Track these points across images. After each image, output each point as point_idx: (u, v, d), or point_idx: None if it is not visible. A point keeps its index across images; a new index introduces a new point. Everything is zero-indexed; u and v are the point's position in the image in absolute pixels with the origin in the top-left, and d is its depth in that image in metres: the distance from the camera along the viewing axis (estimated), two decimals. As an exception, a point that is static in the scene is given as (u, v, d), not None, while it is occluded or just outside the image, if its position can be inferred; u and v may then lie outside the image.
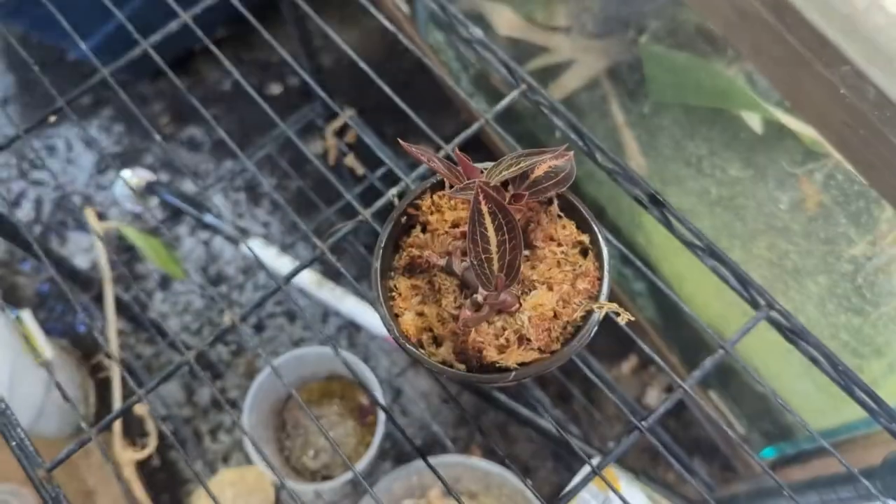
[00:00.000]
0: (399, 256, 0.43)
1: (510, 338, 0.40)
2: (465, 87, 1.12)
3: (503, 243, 0.35)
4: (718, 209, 0.71)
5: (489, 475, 0.80)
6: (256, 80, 1.58)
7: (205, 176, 1.53)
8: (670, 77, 0.69)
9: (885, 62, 0.47)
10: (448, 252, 0.42)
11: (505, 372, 0.39)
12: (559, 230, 0.42)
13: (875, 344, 0.65)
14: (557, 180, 0.39)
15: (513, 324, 0.40)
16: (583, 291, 0.40)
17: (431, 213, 0.43)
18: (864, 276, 0.64)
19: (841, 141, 0.50)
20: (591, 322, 0.39)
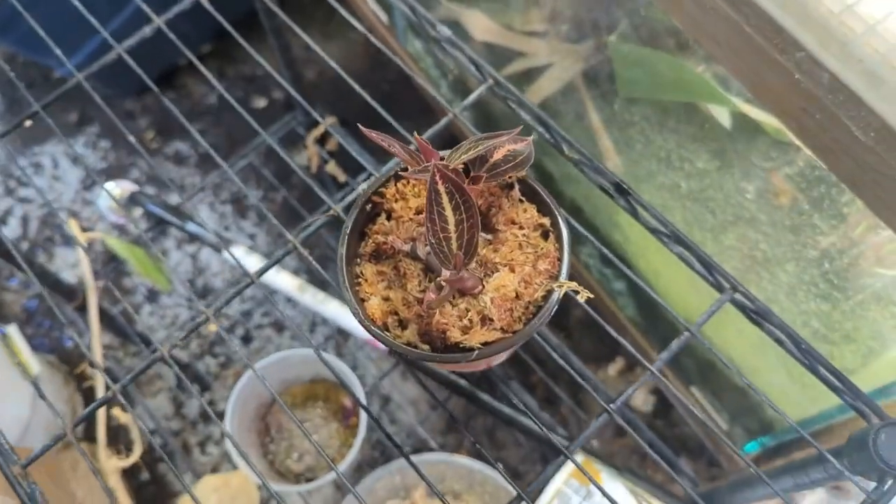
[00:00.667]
0: (365, 243, 0.44)
1: (473, 318, 0.40)
2: (444, 93, 1.13)
3: (461, 222, 0.36)
4: (689, 203, 0.72)
5: (472, 473, 0.81)
6: (241, 94, 1.59)
7: (191, 189, 1.54)
8: (638, 73, 0.71)
9: (837, 47, 0.48)
10: (412, 238, 0.43)
11: (468, 352, 0.39)
12: (520, 214, 0.43)
13: (844, 330, 0.66)
14: (516, 163, 0.40)
15: (476, 305, 0.41)
16: (544, 272, 0.41)
17: (396, 201, 0.44)
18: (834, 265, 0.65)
19: (800, 127, 0.51)
20: (551, 301, 0.40)
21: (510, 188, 0.43)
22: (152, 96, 1.61)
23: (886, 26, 0.49)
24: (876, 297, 0.71)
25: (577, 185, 0.93)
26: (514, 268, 0.41)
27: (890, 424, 0.45)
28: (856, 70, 0.48)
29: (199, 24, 1.50)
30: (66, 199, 1.54)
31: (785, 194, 0.75)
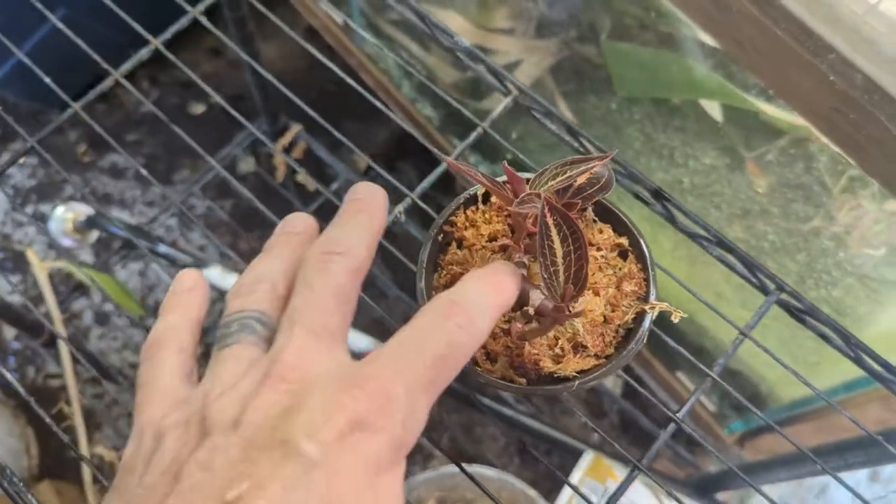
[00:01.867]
0: (439, 275, 0.42)
1: (564, 346, 0.40)
2: (406, 92, 1.11)
3: (568, 254, 0.35)
4: (692, 198, 0.73)
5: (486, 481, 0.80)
6: (178, 100, 1.52)
7: (131, 204, 1.47)
8: (636, 73, 0.71)
9: (867, 47, 0.50)
10: (489, 266, 0.41)
11: (566, 381, 0.39)
12: (596, 235, 0.42)
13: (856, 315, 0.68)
14: (600, 185, 0.39)
15: (565, 332, 0.40)
16: (630, 294, 0.41)
17: (466, 229, 0.43)
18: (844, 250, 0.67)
19: (829, 126, 0.52)
20: (644, 323, 0.39)
21: (584, 210, 0.42)
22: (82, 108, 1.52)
23: (909, 25, 0.50)
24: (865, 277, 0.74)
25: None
26: (598, 291, 0.41)
27: (945, 411, 0.47)
28: (887, 69, 0.49)
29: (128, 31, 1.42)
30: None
31: (761, 178, 0.77)
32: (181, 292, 0.36)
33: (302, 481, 0.24)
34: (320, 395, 0.26)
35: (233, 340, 0.31)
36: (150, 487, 0.26)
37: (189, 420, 0.28)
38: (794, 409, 0.85)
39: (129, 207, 1.46)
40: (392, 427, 0.26)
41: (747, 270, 0.52)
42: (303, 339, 0.29)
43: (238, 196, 1.45)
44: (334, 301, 0.30)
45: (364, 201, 0.34)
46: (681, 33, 0.73)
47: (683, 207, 0.52)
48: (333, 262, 0.31)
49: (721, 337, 0.85)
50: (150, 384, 0.31)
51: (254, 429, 0.26)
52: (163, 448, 0.27)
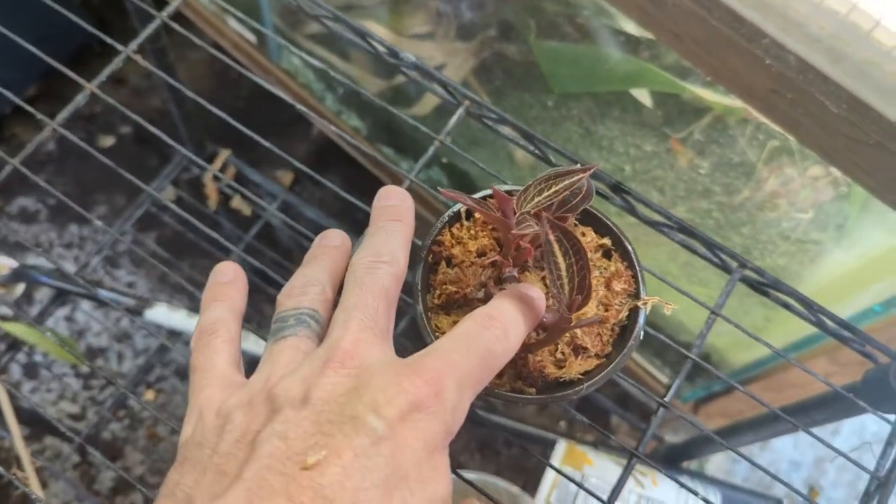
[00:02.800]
0: (433, 295, 0.42)
1: (565, 351, 0.41)
2: (330, 105, 1.10)
3: (571, 266, 0.36)
4: (635, 184, 0.76)
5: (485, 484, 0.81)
6: (84, 134, 1.46)
7: (49, 247, 1.40)
8: (568, 69, 0.73)
9: (796, 29, 0.52)
10: (483, 283, 0.42)
11: (574, 385, 0.40)
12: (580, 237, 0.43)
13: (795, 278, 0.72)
14: (583, 195, 0.40)
15: (564, 337, 0.41)
16: (621, 292, 0.42)
17: (453, 247, 0.43)
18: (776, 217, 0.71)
19: (767, 106, 0.55)
20: (640, 320, 0.41)
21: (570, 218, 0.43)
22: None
23: (829, 3, 0.54)
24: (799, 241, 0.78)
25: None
26: (590, 293, 0.42)
27: (905, 361, 0.51)
28: (816, 49, 0.52)
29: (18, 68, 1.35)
30: None
31: (684, 156, 0.81)
32: (224, 283, 0.39)
33: (371, 451, 0.27)
34: (381, 379, 0.29)
35: (290, 333, 0.34)
36: (226, 455, 0.28)
37: (252, 399, 0.30)
38: (745, 372, 0.89)
39: (47, 252, 1.39)
40: (444, 412, 0.29)
41: (709, 251, 0.54)
42: (358, 331, 0.32)
43: (162, 227, 1.40)
44: (384, 302, 0.34)
45: (397, 208, 0.39)
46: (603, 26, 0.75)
47: (643, 197, 0.54)
48: (380, 268, 0.35)
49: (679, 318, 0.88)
50: (205, 369, 0.34)
51: (322, 404, 0.29)
52: (232, 423, 0.30)
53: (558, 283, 0.36)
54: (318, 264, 0.38)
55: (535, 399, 0.40)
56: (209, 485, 0.28)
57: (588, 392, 0.40)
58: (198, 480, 0.28)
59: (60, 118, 0.58)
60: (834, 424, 1.30)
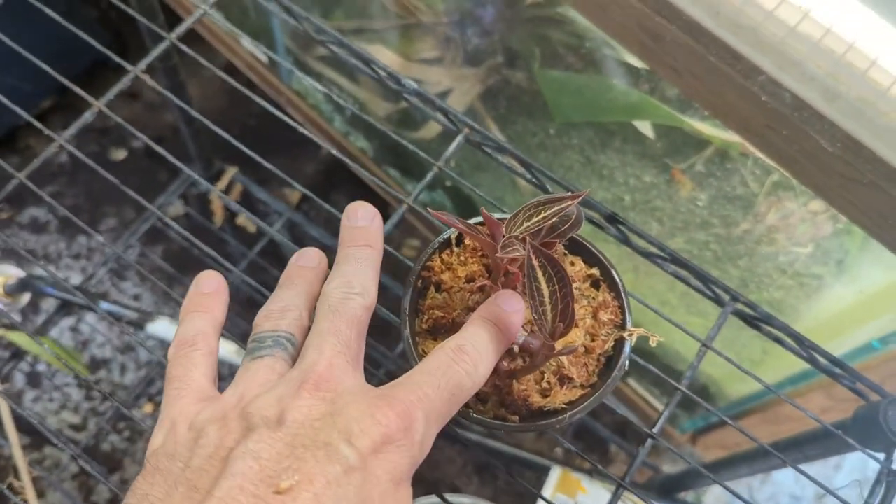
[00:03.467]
0: (421, 319, 0.43)
1: (551, 380, 0.41)
2: (339, 126, 1.11)
3: (554, 293, 0.36)
4: (634, 213, 0.76)
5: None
6: (97, 147, 1.48)
7: (56, 258, 1.42)
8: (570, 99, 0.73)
9: (792, 67, 0.53)
10: (470, 308, 0.42)
11: (556, 414, 0.40)
12: (568, 267, 0.44)
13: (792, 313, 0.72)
14: (571, 223, 0.41)
15: (550, 366, 0.41)
16: (607, 322, 0.42)
17: (443, 272, 0.44)
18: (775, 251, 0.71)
19: (763, 142, 0.55)
20: (625, 350, 0.41)
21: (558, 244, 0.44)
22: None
23: (827, 43, 0.54)
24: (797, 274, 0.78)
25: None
26: (577, 322, 0.42)
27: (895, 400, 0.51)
28: (812, 87, 0.53)
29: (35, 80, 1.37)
30: None
31: (685, 186, 0.81)
32: (206, 294, 0.39)
33: (342, 479, 0.28)
34: (355, 408, 0.30)
35: (266, 353, 0.35)
36: (198, 470, 0.29)
37: (227, 415, 0.31)
38: (742, 404, 0.88)
39: (55, 262, 1.40)
40: (412, 446, 0.30)
41: (702, 284, 0.55)
42: (332, 356, 0.33)
43: (169, 241, 1.42)
44: (353, 329, 0.35)
45: (366, 231, 0.39)
46: (606, 57, 0.76)
47: (637, 228, 0.55)
48: (351, 299, 0.36)
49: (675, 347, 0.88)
50: (181, 380, 0.34)
51: (297, 427, 0.29)
52: (206, 437, 0.30)
53: (541, 309, 0.36)
54: (295, 289, 0.38)
55: (517, 427, 0.40)
56: (180, 499, 0.28)
57: (570, 422, 0.40)
58: (168, 493, 0.29)
59: (67, 134, 0.59)
60: (836, 459, 1.29)
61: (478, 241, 0.39)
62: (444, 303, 0.43)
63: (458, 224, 0.39)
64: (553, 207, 0.39)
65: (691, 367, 0.52)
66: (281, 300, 0.37)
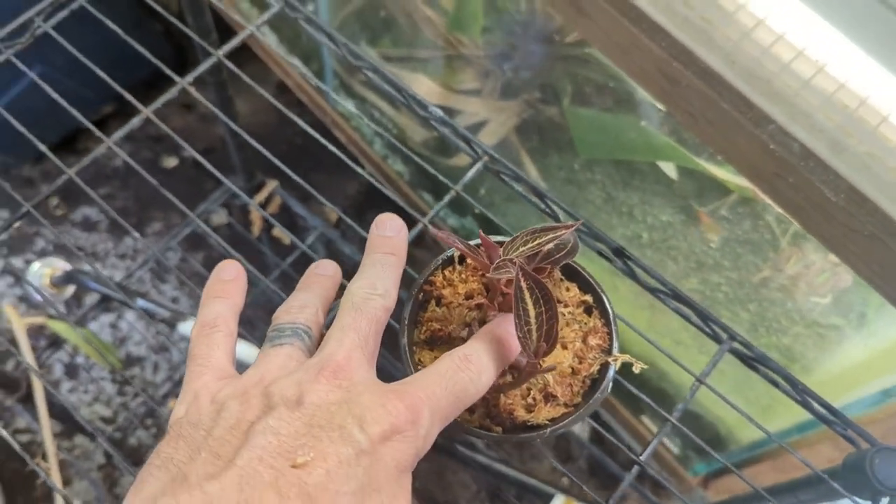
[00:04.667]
0: (419, 330, 0.46)
1: (536, 397, 0.43)
2: (378, 150, 1.16)
3: (540, 315, 0.39)
4: (650, 251, 0.78)
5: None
6: (150, 154, 1.55)
7: (104, 256, 1.48)
8: (596, 136, 0.76)
9: (803, 119, 0.55)
10: (467, 323, 0.45)
11: (538, 429, 0.42)
12: (564, 293, 0.46)
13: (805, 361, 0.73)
14: (567, 251, 0.43)
15: (537, 384, 0.43)
16: (595, 347, 0.44)
17: (444, 288, 0.46)
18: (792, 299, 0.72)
19: (772, 189, 0.57)
20: (608, 374, 0.43)
21: (551, 269, 0.46)
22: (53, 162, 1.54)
23: (840, 97, 0.56)
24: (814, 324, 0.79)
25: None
26: (566, 345, 0.44)
27: (884, 449, 0.52)
28: (821, 139, 0.54)
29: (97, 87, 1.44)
30: (-37, 275, 1.45)
31: (714, 231, 0.82)
32: (226, 281, 0.42)
33: (353, 461, 0.30)
34: (368, 398, 0.32)
35: (286, 341, 0.37)
36: (220, 439, 0.31)
37: (248, 392, 0.33)
38: (753, 449, 0.89)
39: (102, 260, 1.47)
40: (417, 438, 0.32)
41: (701, 321, 0.56)
42: (351, 349, 0.35)
43: (210, 248, 1.47)
44: (374, 328, 0.37)
45: (393, 241, 0.42)
46: (636, 98, 0.78)
47: (642, 263, 0.57)
48: (374, 300, 0.38)
49: (682, 381, 0.89)
50: (204, 358, 0.37)
51: (314, 408, 0.31)
52: (228, 410, 0.32)
53: (526, 328, 0.38)
54: (313, 290, 0.41)
55: (499, 437, 0.42)
56: (203, 464, 0.30)
57: (550, 436, 0.42)
58: (192, 457, 0.31)
59: (116, 136, 0.63)
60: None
61: (475, 261, 0.42)
62: (443, 316, 0.45)
63: (457, 244, 0.42)
64: (548, 234, 0.42)
65: (684, 400, 0.54)
66: (299, 299, 0.40)
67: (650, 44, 0.58)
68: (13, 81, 1.27)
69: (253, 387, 0.34)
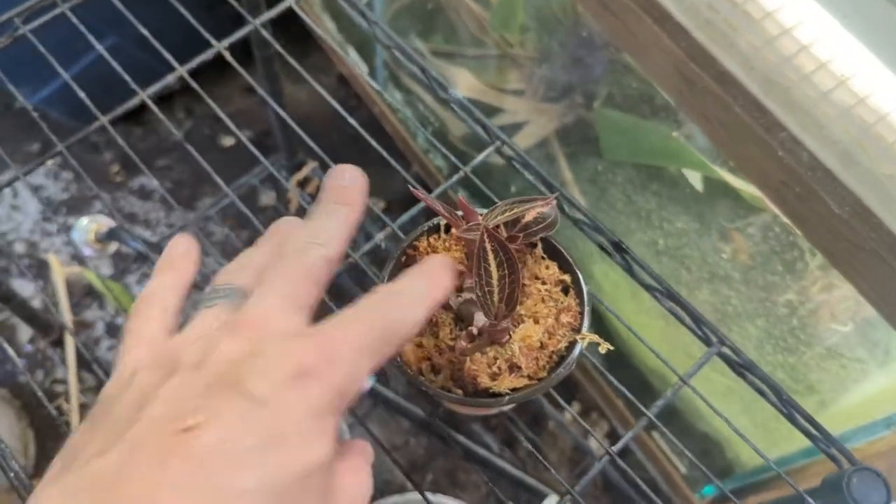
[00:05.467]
0: (398, 293, 0.47)
1: (502, 366, 0.44)
2: (421, 143, 1.18)
3: (503, 277, 0.39)
4: (665, 259, 0.78)
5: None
6: (209, 132, 1.61)
7: (155, 225, 1.54)
8: (622, 139, 0.76)
9: (816, 129, 0.54)
10: (444, 289, 0.46)
11: (498, 397, 0.43)
12: (543, 270, 0.47)
13: (808, 381, 0.71)
14: (545, 225, 0.44)
15: (503, 354, 0.44)
16: (566, 324, 0.45)
17: (427, 254, 0.47)
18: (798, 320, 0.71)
19: (779, 198, 0.57)
20: (574, 351, 0.44)
21: (534, 246, 0.47)
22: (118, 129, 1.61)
23: (858, 111, 0.55)
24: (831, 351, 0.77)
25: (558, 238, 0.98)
26: (538, 319, 0.45)
27: (862, 469, 0.50)
28: (832, 150, 0.54)
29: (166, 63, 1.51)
30: (24, 229, 1.52)
31: (748, 254, 0.81)
32: (175, 256, 0.40)
33: (251, 414, 0.27)
34: (273, 345, 0.30)
35: (213, 304, 0.34)
36: (117, 417, 0.29)
37: (159, 362, 0.31)
38: (761, 472, 0.87)
39: (153, 228, 1.53)
40: (333, 377, 0.29)
41: (693, 323, 0.56)
42: (271, 301, 0.32)
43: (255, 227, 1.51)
44: (305, 278, 0.34)
45: (346, 190, 0.38)
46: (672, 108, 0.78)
47: (639, 260, 0.57)
48: (312, 248, 0.35)
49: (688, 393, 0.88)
50: (135, 333, 0.35)
51: (213, 367, 0.29)
52: (134, 383, 0.30)
53: (487, 289, 0.39)
54: (260, 249, 0.38)
55: (458, 399, 0.43)
56: (95, 443, 0.29)
57: (508, 406, 0.43)
58: (91, 438, 0.29)
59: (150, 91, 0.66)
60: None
61: (454, 224, 0.43)
62: (422, 281, 0.47)
63: (437, 207, 0.43)
64: (525, 206, 0.43)
65: (664, 398, 0.54)
66: (241, 258, 0.38)
67: (671, 44, 0.58)
68: (87, 50, 1.34)
69: (165, 355, 0.32)
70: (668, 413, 0.98)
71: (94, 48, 0.68)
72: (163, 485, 0.25)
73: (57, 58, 0.69)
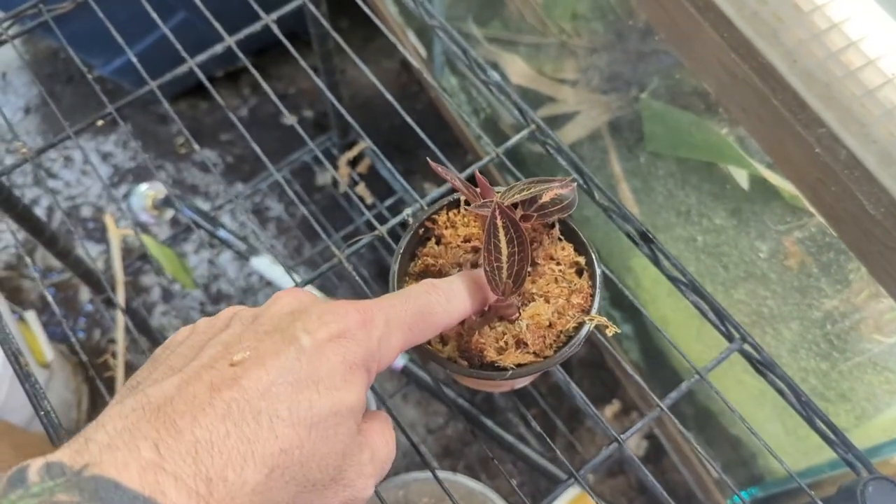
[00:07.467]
0: (414, 264, 0.48)
1: (509, 342, 0.44)
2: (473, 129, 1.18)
3: (513, 254, 0.40)
4: (703, 256, 0.76)
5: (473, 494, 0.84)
6: (273, 110, 1.64)
7: (214, 197, 1.58)
8: (666, 131, 0.75)
9: (856, 127, 0.53)
10: (459, 263, 0.47)
11: (503, 370, 0.43)
12: (559, 251, 0.47)
13: (840, 389, 0.69)
14: (562, 206, 0.44)
15: (512, 330, 0.45)
16: (576, 306, 0.45)
17: (446, 228, 0.48)
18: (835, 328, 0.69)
19: (815, 196, 0.55)
20: (581, 332, 0.44)
21: (551, 227, 0.47)
22: (185, 103, 1.66)
23: (902, 112, 0.54)
24: (872, 363, 0.75)
25: (594, 229, 0.98)
26: (549, 299, 0.45)
27: (877, 478, 0.49)
28: (871, 150, 0.52)
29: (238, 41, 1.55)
30: (92, 193, 1.59)
31: (794, 256, 0.79)
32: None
33: (292, 357, 0.32)
34: (319, 307, 0.35)
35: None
36: (178, 355, 0.34)
37: (221, 317, 0.36)
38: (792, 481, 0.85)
39: (212, 200, 1.57)
40: (368, 339, 0.34)
41: (717, 318, 0.56)
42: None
43: (312, 204, 1.54)
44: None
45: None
46: (721, 102, 0.77)
47: (666, 251, 0.56)
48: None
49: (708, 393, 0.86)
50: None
51: (266, 319, 0.34)
52: (195, 333, 0.35)
53: (496, 265, 0.40)
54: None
55: (463, 370, 0.44)
56: (156, 376, 0.33)
57: (509, 378, 0.43)
58: (150, 373, 0.33)
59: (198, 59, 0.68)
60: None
61: (471, 199, 0.44)
62: (438, 253, 0.47)
63: (454, 181, 0.44)
64: (541, 186, 0.43)
65: (678, 390, 0.53)
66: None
67: (713, 33, 0.57)
68: (156, 25, 1.39)
69: (230, 312, 0.36)
70: (702, 418, 0.97)
71: (166, 22, 0.71)
72: (206, 406, 0.29)
73: (131, 30, 0.71)
